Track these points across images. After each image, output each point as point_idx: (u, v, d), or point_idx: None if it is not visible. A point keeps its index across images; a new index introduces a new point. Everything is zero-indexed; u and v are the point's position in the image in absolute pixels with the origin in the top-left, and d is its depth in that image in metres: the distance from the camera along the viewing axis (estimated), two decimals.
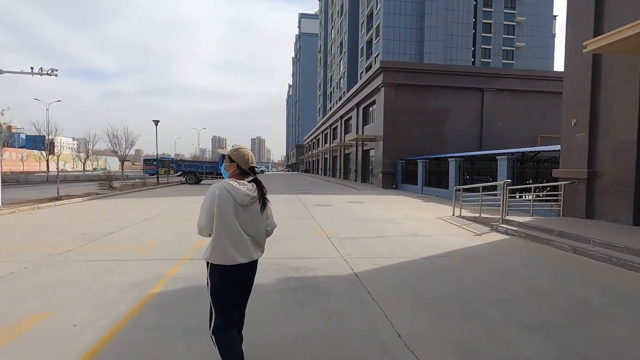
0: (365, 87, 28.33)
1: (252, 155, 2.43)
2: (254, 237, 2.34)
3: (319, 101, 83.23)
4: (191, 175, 27.81)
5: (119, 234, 7.23)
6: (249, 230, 2.30)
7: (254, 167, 2.43)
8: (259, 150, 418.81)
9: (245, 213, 2.29)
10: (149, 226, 8.22)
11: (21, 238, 6.79)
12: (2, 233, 7.31)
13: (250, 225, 2.31)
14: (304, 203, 13.83)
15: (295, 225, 8.55)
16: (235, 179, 2.33)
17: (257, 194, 2.33)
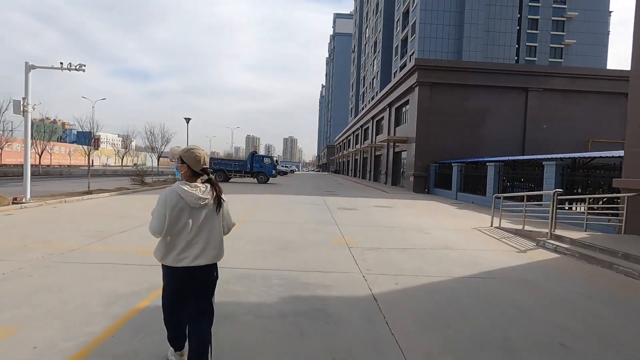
0: (399, 86, 27.23)
1: (204, 155, 2.36)
2: (208, 240, 2.30)
3: (351, 101, 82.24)
4: (220, 173, 27.97)
5: (130, 234, 6.95)
6: (202, 233, 2.28)
7: (206, 168, 2.35)
8: (291, 149, 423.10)
9: (199, 216, 2.27)
10: None
11: (33, 233, 6.66)
12: (18, 227, 7.26)
13: (204, 228, 2.29)
14: (328, 206, 13.19)
15: (315, 231, 7.93)
16: (187, 182, 2.30)
17: (211, 195, 2.30)
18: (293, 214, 10.60)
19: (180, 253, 2.23)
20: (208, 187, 2.32)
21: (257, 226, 8.26)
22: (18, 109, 9.74)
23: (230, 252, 5.65)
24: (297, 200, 14.93)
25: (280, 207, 12.26)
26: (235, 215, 9.09)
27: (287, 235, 7.29)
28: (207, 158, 2.41)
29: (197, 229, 2.26)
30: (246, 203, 13.23)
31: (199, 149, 2.36)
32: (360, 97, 67.75)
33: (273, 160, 28.97)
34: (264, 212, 10.78)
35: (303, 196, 17.24)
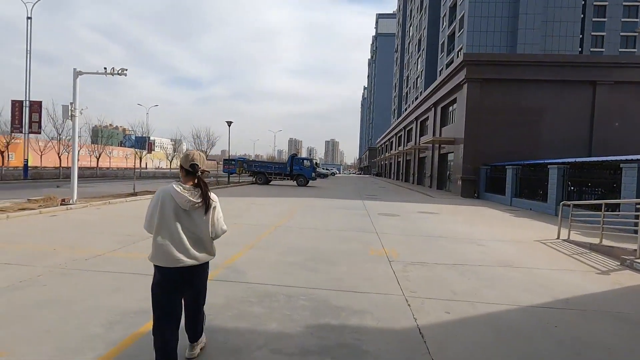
0: (445, 84, 25.65)
1: (196, 155, 2.40)
2: (196, 241, 2.36)
3: (394, 102, 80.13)
4: (260, 176, 28.16)
5: None
6: (190, 234, 2.34)
7: (194, 164, 2.35)
8: (332, 152, 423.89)
9: (188, 217, 2.32)
10: None
11: (67, 236, 6.65)
12: (56, 230, 7.34)
13: (192, 229, 2.34)
14: (368, 211, 12.39)
15: (352, 241, 7.22)
16: (181, 183, 2.35)
17: (201, 199, 2.33)
18: (329, 220, 9.97)
19: (169, 253, 2.26)
20: (199, 192, 2.33)
21: (289, 233, 7.73)
22: (67, 114, 10.12)
23: (256, 265, 5.19)
24: (335, 205, 14.28)
25: (316, 212, 11.70)
26: (268, 221, 8.62)
27: (320, 245, 6.67)
28: (198, 157, 2.40)
29: (186, 230, 2.32)
30: (281, 207, 12.83)
31: (191, 151, 2.45)
32: (403, 98, 65.66)
33: (313, 163, 28.63)
34: (298, 217, 10.26)
35: (342, 200, 16.56)
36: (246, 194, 18.22)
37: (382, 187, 30.64)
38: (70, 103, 10.07)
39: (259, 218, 9.78)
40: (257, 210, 11.52)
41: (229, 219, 9.62)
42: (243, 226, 8.38)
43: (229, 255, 5.61)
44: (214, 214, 2.46)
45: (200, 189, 2.34)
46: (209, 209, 2.39)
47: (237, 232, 7.65)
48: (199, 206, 2.33)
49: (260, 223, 8.88)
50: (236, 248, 6.13)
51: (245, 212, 10.93)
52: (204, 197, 2.34)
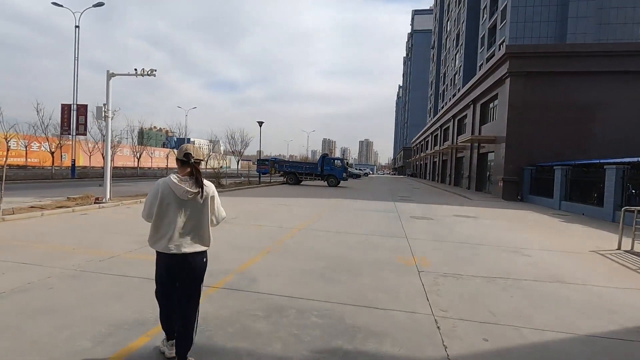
0: (485, 79, 24.13)
1: (188, 146, 2.49)
2: (195, 229, 2.46)
3: (430, 101, 77.54)
4: (291, 176, 28.09)
5: None
6: (189, 223, 2.43)
7: (187, 153, 2.43)
8: (366, 152, 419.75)
9: (187, 206, 2.41)
10: (214, 231, 7.43)
11: (90, 236, 6.66)
12: (82, 228, 7.42)
13: (191, 218, 2.44)
14: (399, 214, 11.71)
15: (379, 247, 6.67)
16: (178, 174, 2.44)
17: (197, 188, 2.41)
18: (357, 223, 9.44)
19: (168, 241, 2.38)
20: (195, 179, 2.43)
21: (313, 237, 7.31)
22: (100, 115, 10.38)
23: (271, 272, 4.78)
24: (365, 206, 13.70)
25: (344, 214, 11.20)
26: (293, 223, 8.24)
27: (344, 251, 6.18)
28: (191, 148, 2.47)
29: (184, 219, 2.41)
30: (309, 208, 12.46)
31: (185, 144, 2.55)
32: (440, 96, 63.25)
33: (344, 163, 28.14)
34: (325, 219, 9.83)
35: (372, 202, 15.92)
36: (275, 194, 18.08)
37: (416, 188, 29.49)
38: (103, 104, 10.34)
39: (284, 220, 9.46)
40: (283, 211, 11.23)
41: (252, 220, 9.45)
42: (265, 228, 8.07)
43: (244, 260, 5.29)
44: (213, 201, 2.54)
45: (195, 177, 2.42)
46: (205, 196, 2.45)
47: (258, 234, 7.35)
48: (197, 195, 2.40)
49: (284, 225, 8.54)
50: (253, 252, 5.80)
51: (270, 213, 10.67)
52: (198, 184, 2.41)
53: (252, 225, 8.35)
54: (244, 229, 7.93)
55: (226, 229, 7.80)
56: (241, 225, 8.39)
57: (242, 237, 7.03)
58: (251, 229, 7.88)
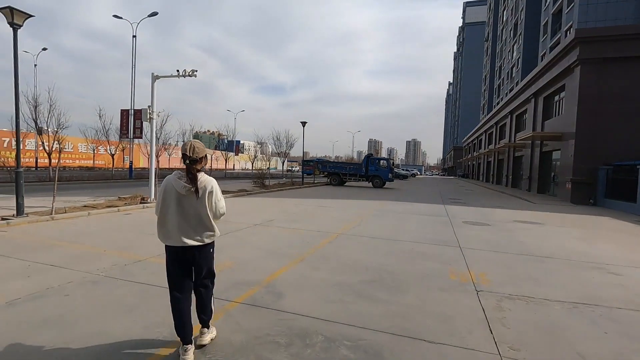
0: (549, 69, 21.75)
1: (187, 144, 2.57)
2: (197, 222, 2.58)
3: (483, 97, 72.83)
4: (335, 177, 27.53)
5: None
6: (189, 217, 2.56)
7: (183, 153, 2.53)
8: (414, 152, 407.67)
9: (186, 201, 2.55)
10: (249, 235, 7.09)
11: (124, 237, 6.60)
12: (119, 229, 7.43)
13: (191, 212, 2.56)
14: (451, 218, 10.62)
15: (428, 257, 5.84)
16: (181, 171, 2.59)
17: (193, 185, 2.52)
18: (403, 228, 8.61)
19: (171, 233, 2.55)
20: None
21: (351, 244, 6.65)
22: (145, 116, 10.61)
23: (301, 285, 4.19)
24: (413, 209, 12.72)
25: (389, 218, 10.38)
26: (331, 227, 7.62)
27: (386, 261, 5.46)
28: (188, 147, 2.54)
29: (184, 214, 2.55)
30: (350, 211, 11.79)
31: (187, 142, 2.60)
32: (495, 91, 59.01)
33: (390, 163, 26.99)
34: (367, 224, 9.11)
35: (420, 204, 14.83)
36: (316, 196, 17.62)
37: (469, 190, 27.48)
38: (148, 106, 10.55)
39: (322, 223, 8.90)
40: (322, 214, 10.68)
41: (290, 223, 8.98)
42: (300, 232, 7.56)
43: (274, 269, 4.79)
44: (211, 197, 2.61)
45: (189, 175, 2.53)
46: (200, 193, 2.54)
47: (293, 239, 6.85)
48: (192, 191, 2.52)
49: (322, 229, 7.98)
50: (285, 260, 5.29)
51: (308, 216, 10.17)
52: (192, 181, 2.51)
53: (288, 229, 7.88)
54: (279, 232, 7.49)
55: (261, 232, 7.41)
56: (277, 228, 7.96)
57: (276, 242, 6.57)
58: (287, 233, 7.41)
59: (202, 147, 2.58)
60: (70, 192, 14.52)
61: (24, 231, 6.73)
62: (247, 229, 7.65)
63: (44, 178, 20.78)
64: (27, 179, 19.10)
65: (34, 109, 19.00)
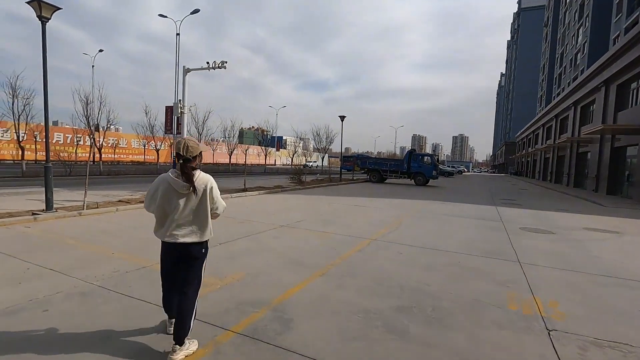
0: (624, 54, 18.94)
1: (181, 142, 2.55)
2: (191, 222, 2.58)
3: (541, 88, 66.84)
4: (375, 173, 26.38)
5: (227, 247, 5.68)
6: (186, 215, 2.56)
7: (177, 153, 2.51)
8: (461, 148, 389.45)
9: (183, 199, 2.55)
10: (270, 239, 6.43)
11: (138, 237, 6.22)
12: (135, 227, 7.11)
13: (186, 211, 2.56)
14: (505, 223, 9.28)
15: (477, 275, 4.79)
16: (177, 169, 2.56)
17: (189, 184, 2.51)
18: (447, 234, 7.52)
19: (167, 230, 2.57)
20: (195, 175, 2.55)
21: (386, 252, 5.75)
22: (177, 111, 10.39)
23: (318, 310, 3.35)
24: (459, 211, 11.42)
25: (431, 220, 9.27)
26: (365, 230, 6.78)
27: (427, 278, 4.51)
28: (185, 145, 2.53)
29: (180, 212, 2.54)
30: (389, 211, 10.78)
31: (181, 140, 2.59)
32: (554, 81, 53.72)
33: (434, 159, 25.21)
34: (406, 228, 8.11)
35: (468, 205, 13.41)
36: (353, 193, 16.72)
37: (524, 190, 25.01)
38: (179, 100, 10.33)
39: (355, 226, 8.05)
40: (357, 215, 9.82)
41: (319, 224, 8.17)
42: (331, 236, 6.78)
43: (289, 285, 4.06)
44: (211, 194, 2.62)
45: (183, 175, 2.50)
46: (199, 191, 2.56)
47: (320, 245, 6.09)
48: (189, 190, 2.52)
49: (353, 233, 7.14)
50: (303, 273, 4.54)
51: (341, 217, 9.35)
52: (188, 181, 2.50)
53: (317, 232, 7.14)
54: (305, 236, 6.77)
55: (286, 235, 6.73)
56: (304, 231, 7.25)
57: (300, 247, 5.85)
58: (314, 237, 6.67)
59: (195, 146, 2.56)
60: (115, 186, 14.95)
61: (46, 228, 6.62)
62: (270, 232, 7.02)
63: (95, 172, 21.94)
64: (79, 173, 20.21)
65: (85, 106, 19.97)
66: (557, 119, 37.08)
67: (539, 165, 46.67)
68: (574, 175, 29.16)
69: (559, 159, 35.88)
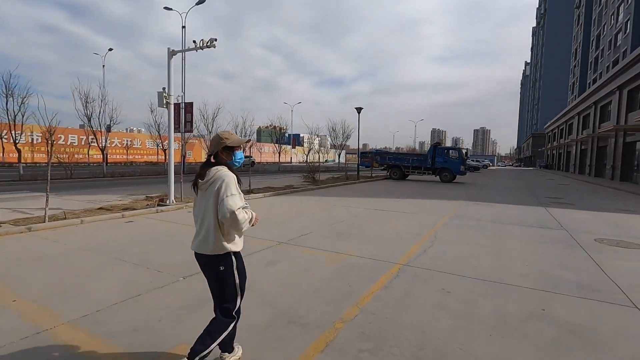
0: None
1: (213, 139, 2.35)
2: (202, 228, 2.22)
3: (572, 74, 62.41)
4: (395, 170, 24.23)
5: (189, 286, 3.95)
6: (199, 219, 2.26)
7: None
8: (482, 142, 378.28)
9: (198, 200, 2.29)
10: (260, 268, 4.65)
11: (77, 268, 4.59)
12: (86, 251, 5.50)
13: (199, 213, 2.27)
14: (570, 231, 7.20)
15: (585, 341, 2.84)
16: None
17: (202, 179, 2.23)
18: (508, 254, 5.52)
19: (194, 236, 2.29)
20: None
21: (425, 291, 3.84)
22: (161, 101, 8.81)
23: None
24: (503, 215, 9.34)
25: (474, 230, 7.28)
26: (391, 248, 4.28)
27: (502, 353, 2.62)
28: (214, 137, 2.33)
29: (196, 214, 2.30)
30: (416, 217, 8.84)
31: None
32: (590, 66, 49.69)
33: (462, 154, 22.78)
34: (445, 242, 6.18)
35: (511, 206, 11.26)
36: (373, 193, 14.78)
37: (564, 185, 22.35)
38: (163, 88, 8.72)
39: (376, 240, 6.18)
40: (378, 222, 7.93)
41: (332, 240, 5.95)
42: (342, 260, 4.94)
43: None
44: (216, 194, 2.13)
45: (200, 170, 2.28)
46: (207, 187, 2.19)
47: (324, 278, 4.24)
48: (206, 188, 2.20)
49: (376, 254, 5.26)
50: (294, 344, 2.72)
51: (360, 226, 7.49)
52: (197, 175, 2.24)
53: (326, 253, 5.31)
54: (311, 260, 4.95)
55: (281, 261, 4.93)
56: (309, 250, 5.44)
57: (299, 285, 4.03)
58: (321, 262, 4.85)
59: (217, 138, 2.26)
60: (112, 189, 13.64)
61: None
62: (264, 253, 5.26)
63: (98, 174, 20.88)
64: (80, 175, 19.16)
65: (85, 104, 18.84)
66: (596, 106, 33.79)
67: (574, 157, 43.16)
68: (621, 169, 26.12)
69: (599, 150, 32.66)
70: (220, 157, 2.25)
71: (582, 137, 36.56)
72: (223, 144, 2.23)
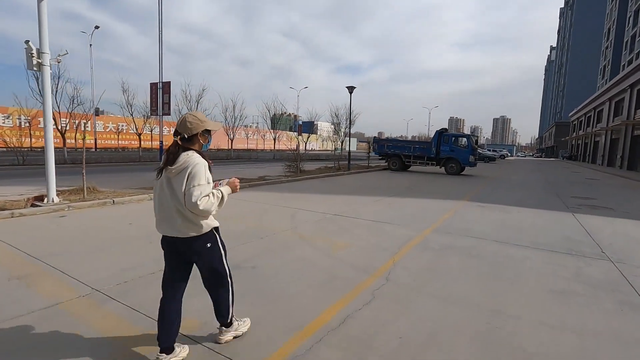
0: None
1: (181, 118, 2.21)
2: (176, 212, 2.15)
3: (604, 56, 56.91)
4: (395, 159, 21.23)
5: None
6: (162, 202, 2.19)
7: (176, 130, 2.20)
8: (502, 131, 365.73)
9: (163, 185, 2.18)
10: None
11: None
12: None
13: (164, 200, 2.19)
14: (616, 263, 4.38)
15: None
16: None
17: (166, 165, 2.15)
18: (505, 339, 2.85)
19: (156, 219, 2.27)
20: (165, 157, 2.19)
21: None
22: (30, 63, 6.25)
23: None
24: (515, 229, 6.55)
25: (461, 264, 4.57)
26: (311, 307, 2.30)
27: None
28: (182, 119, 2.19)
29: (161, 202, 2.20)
30: (376, 235, 6.14)
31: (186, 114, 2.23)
32: (625, 46, 44.70)
33: (471, 141, 19.56)
34: (389, 300, 3.52)
35: (527, 210, 8.39)
36: (352, 190, 12.02)
37: (593, 180, 19.00)
38: (25, 41, 6.14)
39: (293, 287, 3.58)
40: (308, 246, 5.29)
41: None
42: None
43: None
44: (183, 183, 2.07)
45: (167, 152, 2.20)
46: (160, 172, 2.17)
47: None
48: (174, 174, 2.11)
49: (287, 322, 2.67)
50: None
51: (271, 253, 4.87)
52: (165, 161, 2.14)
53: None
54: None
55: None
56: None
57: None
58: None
59: (197, 122, 2.16)
60: (31, 180, 11.41)
61: None
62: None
63: (58, 160, 18.85)
64: (38, 161, 17.11)
65: (36, 80, 16.63)
66: (632, 89, 29.67)
67: (602, 148, 38.93)
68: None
69: (634, 140, 28.75)
70: (198, 140, 2.20)
71: (614, 125, 32.49)
72: (204, 126, 2.19)
